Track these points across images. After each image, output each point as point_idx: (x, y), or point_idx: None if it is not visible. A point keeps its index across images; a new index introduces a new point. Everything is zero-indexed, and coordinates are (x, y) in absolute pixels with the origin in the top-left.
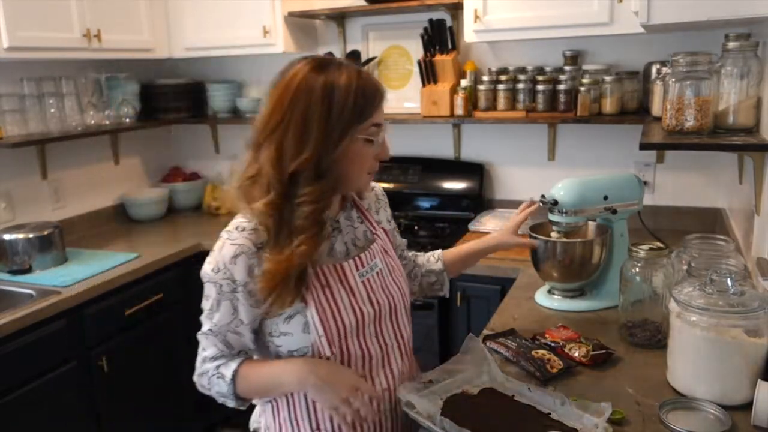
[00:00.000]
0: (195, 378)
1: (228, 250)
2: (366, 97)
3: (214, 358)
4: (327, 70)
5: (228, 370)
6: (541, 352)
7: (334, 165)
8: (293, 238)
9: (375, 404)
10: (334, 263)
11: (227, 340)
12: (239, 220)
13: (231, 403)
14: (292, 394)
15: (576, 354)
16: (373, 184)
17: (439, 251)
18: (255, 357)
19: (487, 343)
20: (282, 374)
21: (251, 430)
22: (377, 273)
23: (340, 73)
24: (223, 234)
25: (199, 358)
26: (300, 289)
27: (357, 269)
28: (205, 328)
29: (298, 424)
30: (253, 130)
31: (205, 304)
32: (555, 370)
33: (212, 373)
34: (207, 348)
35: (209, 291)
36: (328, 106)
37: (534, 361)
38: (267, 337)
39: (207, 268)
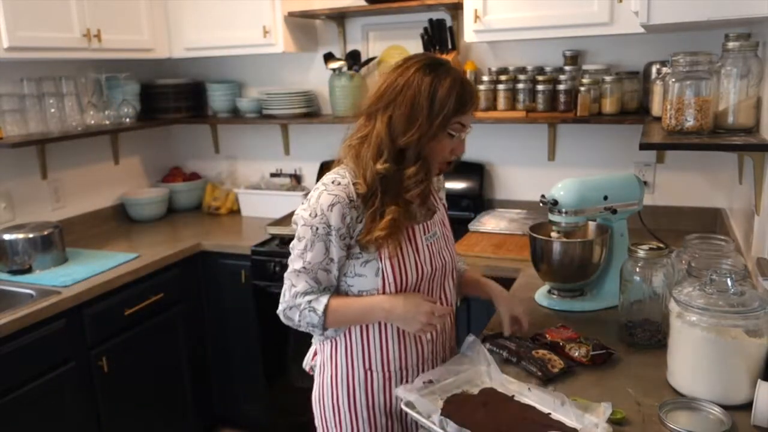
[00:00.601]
0: (281, 311)
1: (326, 199)
2: (460, 101)
3: (305, 293)
4: (436, 72)
5: (319, 305)
6: (542, 351)
7: (430, 150)
8: (399, 199)
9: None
10: (407, 226)
11: (317, 277)
12: (334, 176)
13: (317, 332)
14: (349, 336)
15: (576, 354)
16: None
17: (463, 264)
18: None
19: (487, 344)
20: (371, 307)
21: (306, 367)
22: (436, 240)
23: (446, 77)
24: (320, 186)
25: (288, 293)
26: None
27: (424, 234)
28: (297, 266)
29: (352, 363)
30: (367, 99)
31: (298, 245)
32: (556, 370)
33: (304, 307)
34: (298, 284)
35: (304, 233)
36: (431, 101)
37: (535, 361)
38: (341, 277)
39: (303, 214)
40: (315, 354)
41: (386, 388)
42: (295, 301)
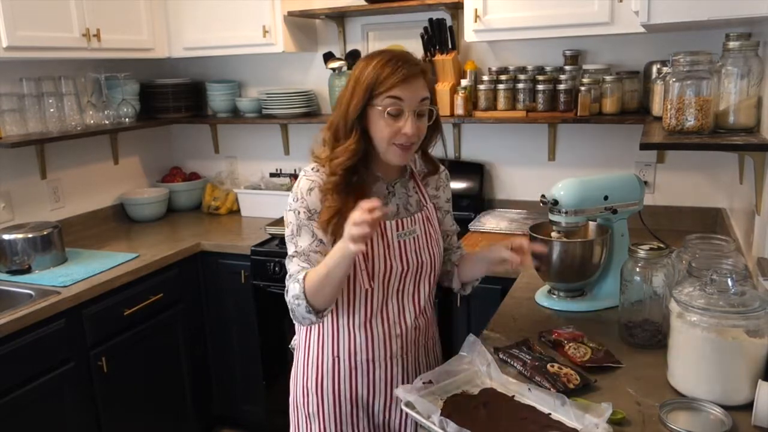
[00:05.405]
0: (287, 301)
1: (305, 184)
2: (380, 74)
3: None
4: (370, 56)
5: (300, 275)
6: (557, 366)
7: (356, 125)
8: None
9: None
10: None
11: (309, 259)
12: (314, 163)
13: (304, 309)
14: (323, 322)
15: (573, 353)
16: (441, 167)
17: (462, 250)
18: None
19: (500, 354)
20: (332, 253)
21: (291, 346)
22: (414, 238)
23: (374, 57)
24: (302, 173)
25: (287, 281)
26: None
27: (397, 230)
28: (290, 251)
29: (322, 349)
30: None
31: (287, 231)
32: (572, 386)
33: (291, 281)
34: (291, 268)
35: (290, 218)
36: (355, 80)
37: (550, 377)
38: None
39: (289, 199)
40: None
41: (352, 377)
42: (287, 282)
